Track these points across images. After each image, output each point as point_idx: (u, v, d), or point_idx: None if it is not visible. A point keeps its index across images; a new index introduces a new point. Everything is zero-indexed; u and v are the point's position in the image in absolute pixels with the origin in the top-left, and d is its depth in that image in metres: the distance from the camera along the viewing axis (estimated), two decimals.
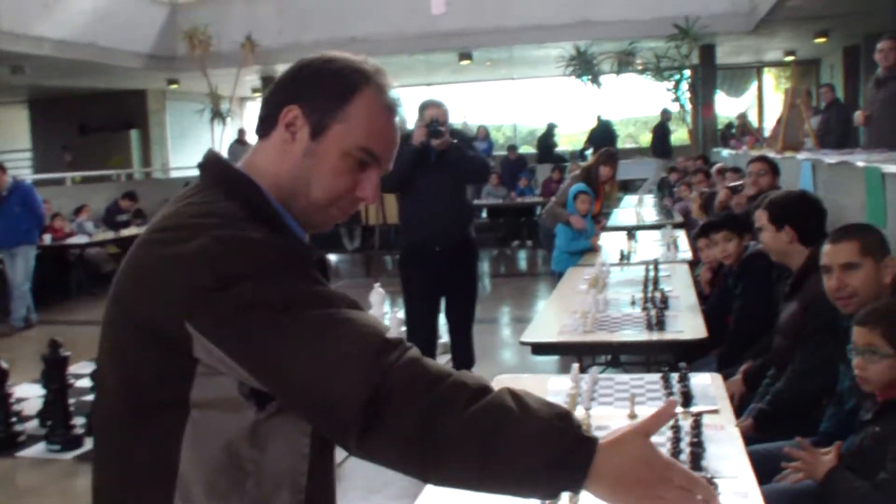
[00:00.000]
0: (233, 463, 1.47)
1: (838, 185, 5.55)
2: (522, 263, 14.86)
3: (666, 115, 18.15)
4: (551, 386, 3.42)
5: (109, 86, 19.09)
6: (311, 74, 1.61)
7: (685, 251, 7.43)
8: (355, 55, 1.65)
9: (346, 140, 1.57)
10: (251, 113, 23.36)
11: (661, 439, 2.79)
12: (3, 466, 6.00)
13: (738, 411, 3.60)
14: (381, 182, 1.67)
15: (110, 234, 13.75)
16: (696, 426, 2.79)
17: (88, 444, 6.05)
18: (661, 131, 18.46)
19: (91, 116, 20.52)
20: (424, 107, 5.95)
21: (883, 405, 2.69)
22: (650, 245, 8.03)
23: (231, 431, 1.46)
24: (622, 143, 23.18)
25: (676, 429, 2.78)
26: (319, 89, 1.58)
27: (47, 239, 12.14)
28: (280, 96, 1.61)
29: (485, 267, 14.49)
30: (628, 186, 19.19)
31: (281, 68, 12.48)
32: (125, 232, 13.84)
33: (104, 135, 20.44)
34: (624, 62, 15.99)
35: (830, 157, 5.97)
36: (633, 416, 3.02)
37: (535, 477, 1.35)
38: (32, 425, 6.48)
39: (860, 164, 4.94)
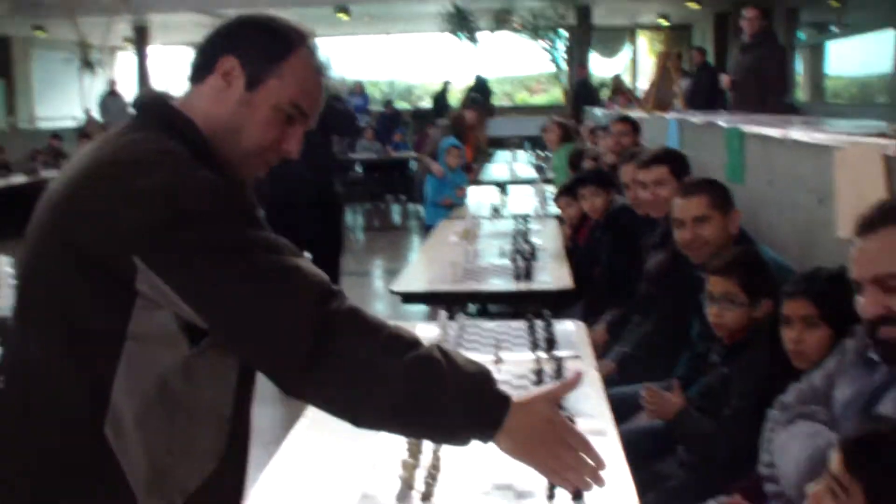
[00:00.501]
0: (165, 395, 1.53)
1: (702, 144, 5.74)
2: (396, 217, 14.89)
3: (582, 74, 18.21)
4: (419, 332, 3.46)
5: None
6: (250, 29, 1.69)
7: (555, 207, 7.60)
8: (290, 18, 1.73)
9: (279, 94, 1.65)
10: (122, 63, 22.71)
11: (524, 382, 2.91)
12: None
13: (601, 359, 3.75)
14: None
15: None
16: (558, 369, 2.91)
17: None
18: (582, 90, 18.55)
19: None
20: None
21: (731, 348, 2.84)
22: (522, 200, 8.22)
23: (164, 365, 1.53)
24: (499, 101, 23.38)
25: (539, 372, 2.90)
26: (258, 44, 1.66)
27: None
28: (217, 46, 1.68)
29: (359, 220, 14.51)
30: (503, 143, 19.42)
31: (154, 18, 12.21)
32: None
33: None
34: (501, 20, 16.09)
35: (696, 117, 6.18)
36: (498, 360, 3.11)
37: (454, 424, 1.53)
38: None
39: (722, 124, 5.13)
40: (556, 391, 1.62)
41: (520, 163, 12.69)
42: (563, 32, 16.83)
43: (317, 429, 2.50)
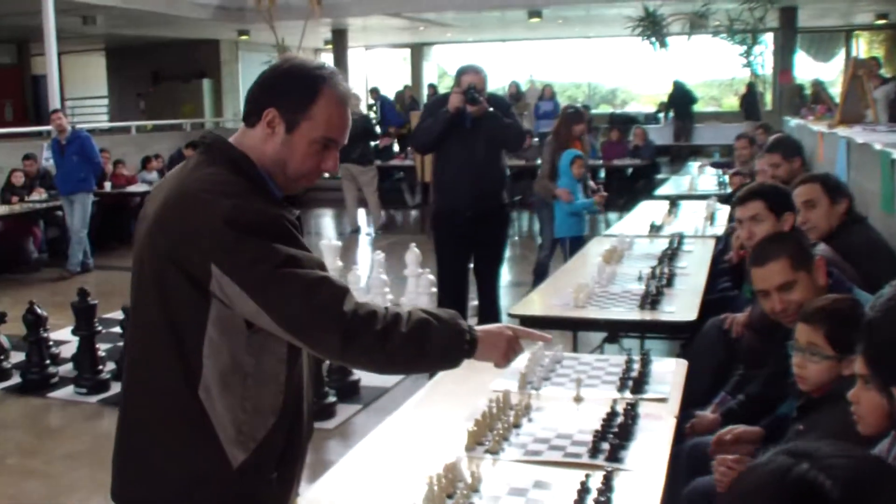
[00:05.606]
0: (236, 367, 2.07)
1: (863, 166, 5.40)
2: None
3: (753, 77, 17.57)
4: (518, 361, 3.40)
5: (182, 35, 19.39)
6: (283, 80, 2.16)
7: (722, 226, 7.01)
8: (313, 60, 2.26)
9: (312, 132, 2.14)
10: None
11: (599, 410, 2.83)
12: (35, 405, 6.32)
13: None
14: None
15: None
16: (631, 410, 2.79)
17: (115, 388, 6.28)
18: (749, 95, 17.99)
19: (165, 65, 20.96)
20: (462, 72, 6.02)
21: (807, 402, 2.63)
22: (690, 217, 7.69)
23: (234, 345, 2.06)
24: (704, 107, 22.81)
25: (612, 414, 2.78)
26: (291, 93, 2.14)
27: (108, 186, 12.45)
28: (261, 97, 2.16)
29: (536, 227, 14.44)
30: (702, 151, 18.87)
31: (351, 21, 12.66)
32: None
33: (177, 83, 20.91)
34: (696, 24, 15.66)
35: (860, 137, 5.80)
36: (578, 399, 3.02)
37: (449, 356, 2.17)
38: (67, 368, 6.77)
39: (878, 146, 4.78)
40: (520, 330, 2.39)
41: (707, 175, 12.05)
42: (763, 37, 16.16)
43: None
